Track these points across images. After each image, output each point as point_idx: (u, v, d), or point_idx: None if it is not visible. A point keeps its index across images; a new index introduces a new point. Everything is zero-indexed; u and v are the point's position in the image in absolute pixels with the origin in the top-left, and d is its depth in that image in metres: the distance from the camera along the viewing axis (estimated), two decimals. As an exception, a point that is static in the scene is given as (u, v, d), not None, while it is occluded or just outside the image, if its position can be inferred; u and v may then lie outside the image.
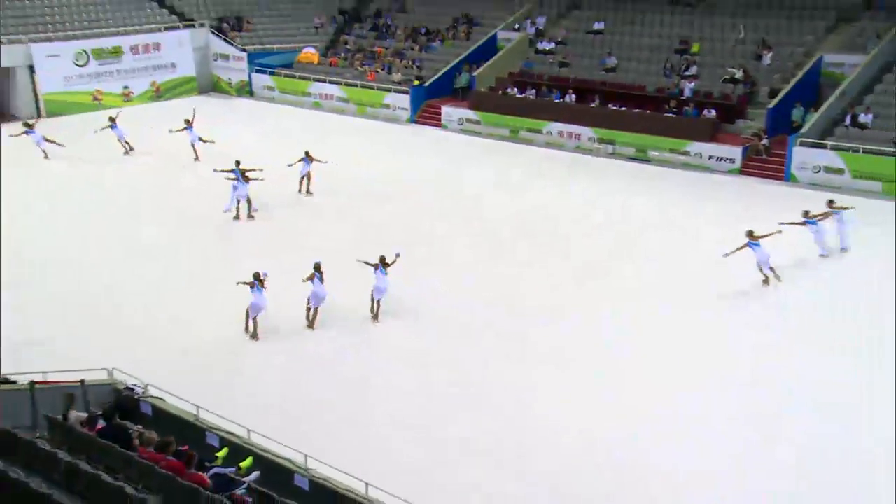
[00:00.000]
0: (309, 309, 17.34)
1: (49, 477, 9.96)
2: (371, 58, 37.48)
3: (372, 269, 17.36)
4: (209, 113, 34.65)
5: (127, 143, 28.89)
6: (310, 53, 38.76)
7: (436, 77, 34.77)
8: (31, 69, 34.49)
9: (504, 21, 36.69)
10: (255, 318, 17.00)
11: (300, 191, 25.01)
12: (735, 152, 27.11)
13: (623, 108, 29.93)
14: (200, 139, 27.67)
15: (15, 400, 12.42)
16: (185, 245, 21.73)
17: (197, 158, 27.81)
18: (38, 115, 33.08)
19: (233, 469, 10.83)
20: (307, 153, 24.72)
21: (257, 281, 16.79)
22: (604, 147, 29.43)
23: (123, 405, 12.81)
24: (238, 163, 23.47)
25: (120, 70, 36.73)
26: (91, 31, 36.67)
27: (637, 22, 33.99)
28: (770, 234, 18.47)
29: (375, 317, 17.50)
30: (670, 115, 28.98)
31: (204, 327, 17.33)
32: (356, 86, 35.64)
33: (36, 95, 34.72)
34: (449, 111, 33.21)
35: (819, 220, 19.93)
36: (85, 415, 11.94)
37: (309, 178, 24.98)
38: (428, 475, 12.51)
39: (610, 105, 30.25)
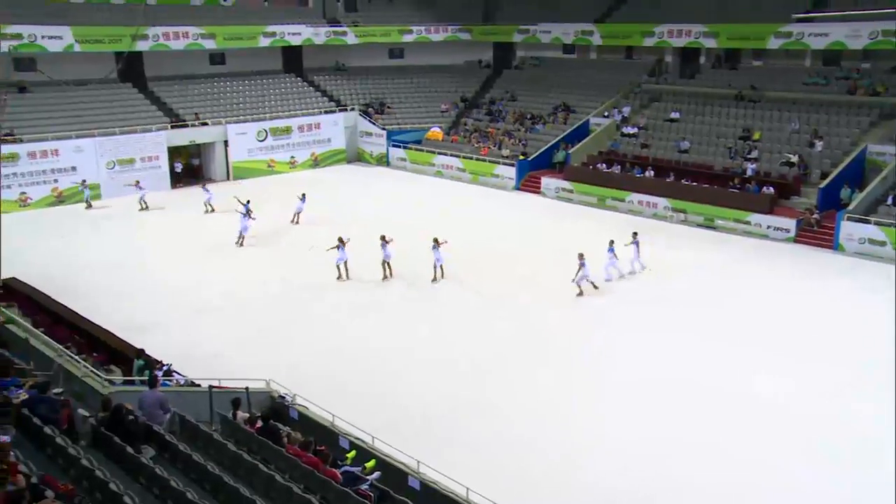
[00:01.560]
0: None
1: (220, 462, 10.43)
2: (485, 136, 38.03)
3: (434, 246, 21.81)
4: (354, 178, 36.12)
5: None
6: (436, 132, 39.57)
7: (538, 153, 34.95)
8: (226, 143, 36.21)
9: (595, 109, 36.67)
10: (338, 266, 21.95)
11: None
12: (790, 224, 26.14)
13: (694, 184, 29.33)
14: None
15: (198, 399, 13.04)
16: (330, 287, 22.33)
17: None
18: (227, 178, 35.08)
19: (359, 468, 10.94)
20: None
21: (341, 242, 21.98)
22: (677, 215, 28.90)
23: (277, 410, 13.23)
24: (248, 202, 26.11)
25: (289, 143, 38.12)
26: (270, 114, 38.37)
27: (707, 113, 33.40)
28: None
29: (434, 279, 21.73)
30: (734, 190, 28.23)
31: (343, 353, 17.77)
32: (472, 159, 36.12)
33: (227, 163, 36.53)
34: (547, 181, 33.30)
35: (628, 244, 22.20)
36: (247, 415, 12.45)
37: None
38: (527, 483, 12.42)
39: (683, 180, 29.72)
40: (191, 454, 10.08)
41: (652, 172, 30.81)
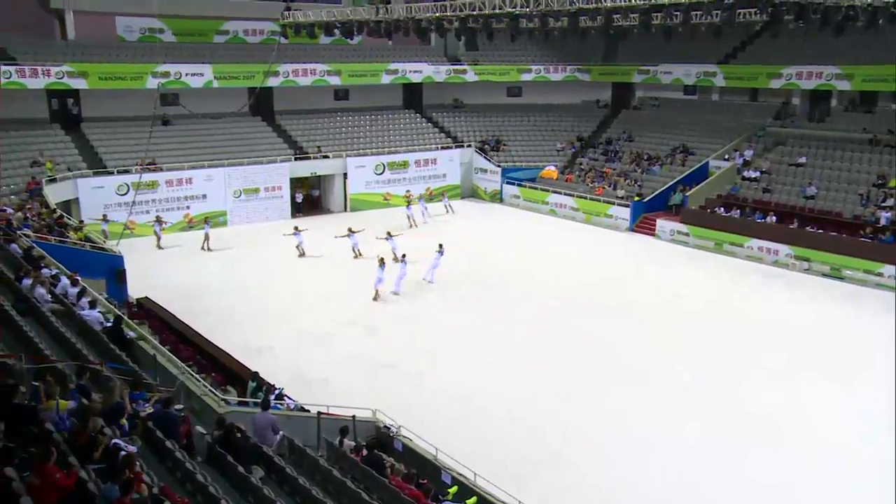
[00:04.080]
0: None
1: (325, 488, 10.55)
2: (600, 176, 37.66)
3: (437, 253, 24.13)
4: (468, 213, 36.49)
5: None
6: (550, 171, 39.50)
7: (653, 195, 34.28)
8: (345, 175, 37.46)
9: (716, 152, 35.61)
10: (377, 288, 23.40)
11: None
12: (928, 277, 24.42)
13: (820, 231, 27.88)
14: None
15: (307, 424, 13.31)
16: (436, 319, 22.67)
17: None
18: (345, 209, 36.36)
19: (459, 505, 10.90)
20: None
21: (382, 263, 23.59)
22: (800, 263, 27.50)
23: (381, 440, 13.31)
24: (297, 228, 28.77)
25: (405, 178, 39.00)
26: (389, 148, 39.47)
27: (838, 158, 31.75)
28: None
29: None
30: (866, 239, 26.61)
31: (449, 386, 17.87)
32: (586, 198, 35.79)
33: (345, 194, 37.74)
34: (663, 224, 32.52)
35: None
36: (353, 444, 12.68)
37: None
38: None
39: (808, 227, 28.28)
40: (297, 477, 10.33)
41: (774, 218, 29.50)
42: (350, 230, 28.59)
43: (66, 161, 31.30)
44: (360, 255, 28.22)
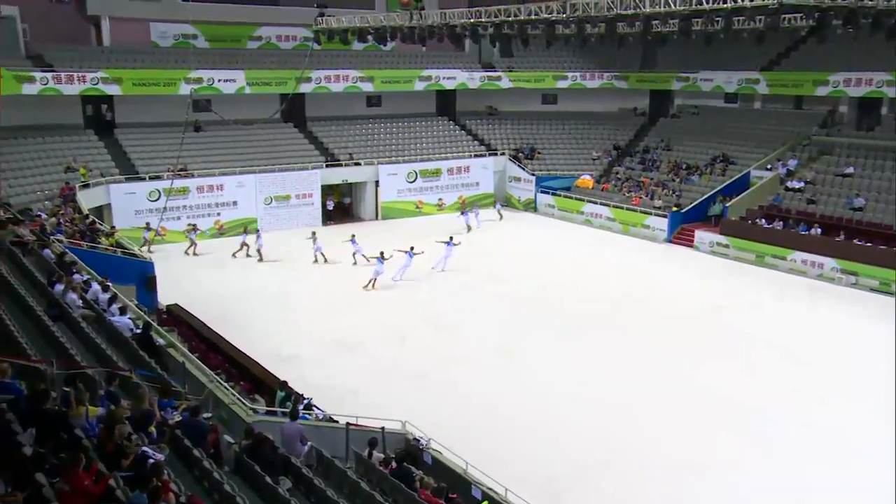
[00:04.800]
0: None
1: (353, 500, 10.57)
2: (637, 186, 37.39)
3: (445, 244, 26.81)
4: (500, 222, 36.44)
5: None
6: (586, 180, 39.33)
7: (692, 205, 33.92)
8: (376, 183, 37.65)
9: (758, 161, 35.13)
10: (373, 280, 25.23)
11: None
12: (983, 293, 23.77)
13: (869, 244, 27.32)
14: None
15: (335, 435, 13.31)
16: (467, 327, 22.62)
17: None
18: (376, 217, 36.63)
19: (489, 520, 10.81)
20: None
21: (382, 257, 25.25)
22: (846, 277, 26.96)
23: (411, 453, 13.32)
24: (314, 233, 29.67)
25: (437, 186, 39.16)
26: (421, 156, 39.64)
27: (889, 168, 31.03)
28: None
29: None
30: (916, 253, 26.09)
31: (482, 398, 17.76)
32: (622, 208, 35.58)
33: (377, 202, 37.93)
34: (701, 235, 32.14)
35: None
36: (382, 456, 12.65)
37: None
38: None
39: (855, 240, 27.74)
40: (325, 489, 10.36)
41: (819, 230, 28.98)
42: (353, 237, 29.00)
43: (99, 167, 31.93)
44: (366, 258, 27.96)
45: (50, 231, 21.81)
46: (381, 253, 25.67)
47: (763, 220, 30.81)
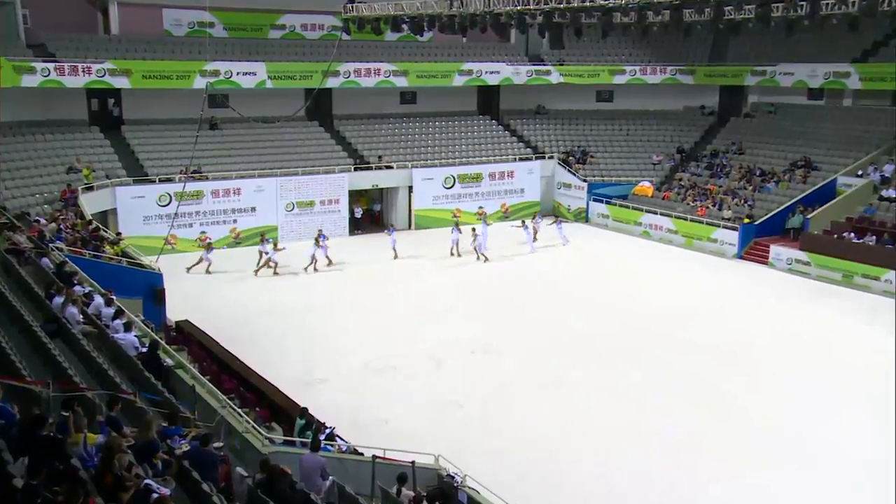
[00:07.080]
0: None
1: (379, 545, 10.58)
2: (703, 194, 36.95)
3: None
4: (546, 233, 36.11)
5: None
6: (645, 187, 39.02)
7: (767, 216, 33.42)
8: (410, 189, 37.82)
9: (846, 167, 34.46)
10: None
11: None
12: None
13: (977, 263, 26.67)
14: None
15: (360, 469, 13.24)
16: (509, 353, 22.44)
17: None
18: (409, 227, 36.75)
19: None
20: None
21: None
22: (950, 302, 26.27)
23: (444, 490, 13.23)
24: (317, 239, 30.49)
25: (478, 192, 39.08)
26: (460, 159, 39.69)
27: None
28: None
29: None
30: None
31: (520, 431, 17.57)
32: (686, 219, 35.19)
33: (410, 210, 38.07)
34: (778, 250, 31.58)
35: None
36: (412, 494, 12.51)
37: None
38: None
39: (960, 259, 27.11)
40: (348, 531, 10.28)
41: (919, 247, 28.33)
42: (392, 226, 31.19)
43: (105, 167, 32.44)
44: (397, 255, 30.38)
45: (49, 238, 22.13)
46: (457, 223, 29.26)
47: (852, 234, 30.19)
